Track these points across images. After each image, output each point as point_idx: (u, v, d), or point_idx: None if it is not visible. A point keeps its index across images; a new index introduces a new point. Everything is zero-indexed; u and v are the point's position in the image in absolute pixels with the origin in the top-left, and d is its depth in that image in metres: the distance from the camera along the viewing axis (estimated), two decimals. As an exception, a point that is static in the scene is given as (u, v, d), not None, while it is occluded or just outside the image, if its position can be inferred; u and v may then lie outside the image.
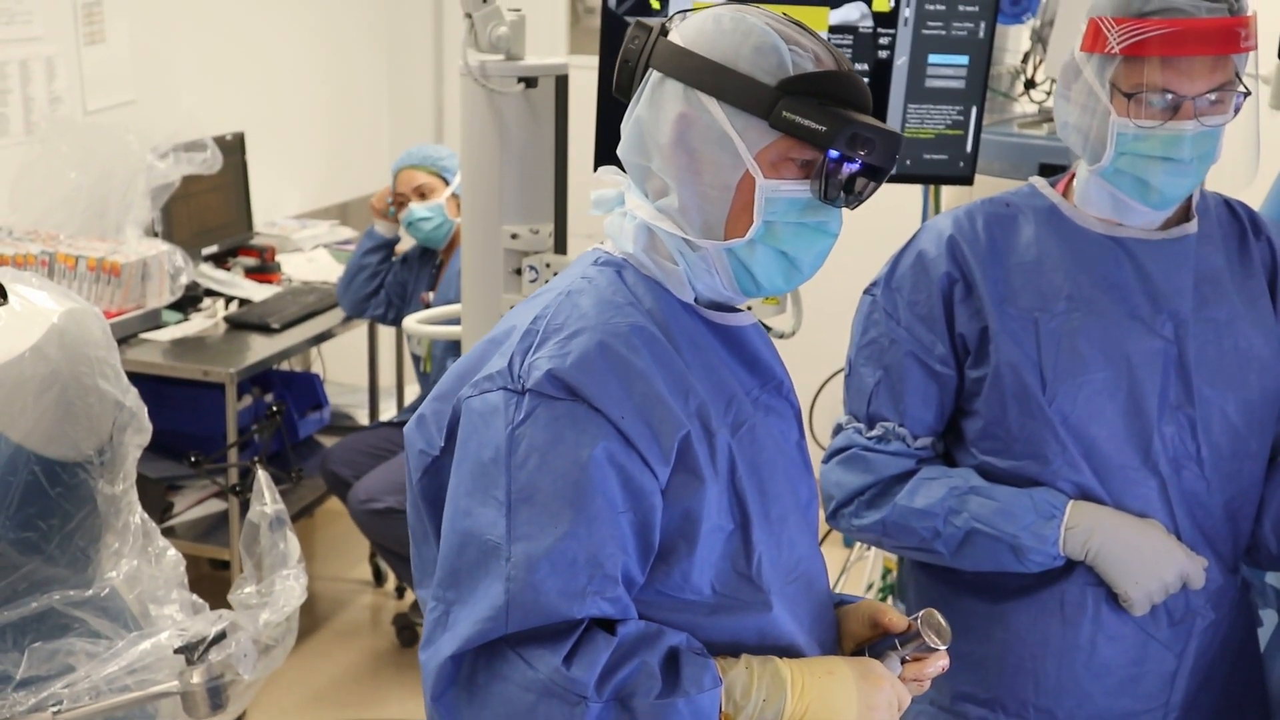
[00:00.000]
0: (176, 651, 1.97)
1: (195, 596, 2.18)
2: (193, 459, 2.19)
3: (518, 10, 2.56)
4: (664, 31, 1.43)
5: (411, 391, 5.00)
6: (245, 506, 2.23)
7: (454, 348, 3.89)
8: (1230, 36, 1.76)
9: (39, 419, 1.89)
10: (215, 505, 4.09)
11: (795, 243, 1.42)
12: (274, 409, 2.25)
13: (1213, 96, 1.78)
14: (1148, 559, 1.85)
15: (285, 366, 4.70)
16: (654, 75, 1.43)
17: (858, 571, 3.70)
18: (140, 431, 2.09)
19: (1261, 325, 1.93)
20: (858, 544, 3.62)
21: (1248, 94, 1.81)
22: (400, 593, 4.64)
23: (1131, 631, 1.91)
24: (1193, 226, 1.92)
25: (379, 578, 4.71)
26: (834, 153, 1.38)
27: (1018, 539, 1.85)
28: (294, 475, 3.26)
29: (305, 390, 4.61)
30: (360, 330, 4.81)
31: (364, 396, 5.08)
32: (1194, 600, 1.91)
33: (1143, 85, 1.79)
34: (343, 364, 5.23)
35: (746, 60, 1.39)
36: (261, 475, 2.23)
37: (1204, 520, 1.91)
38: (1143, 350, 1.87)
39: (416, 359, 4.34)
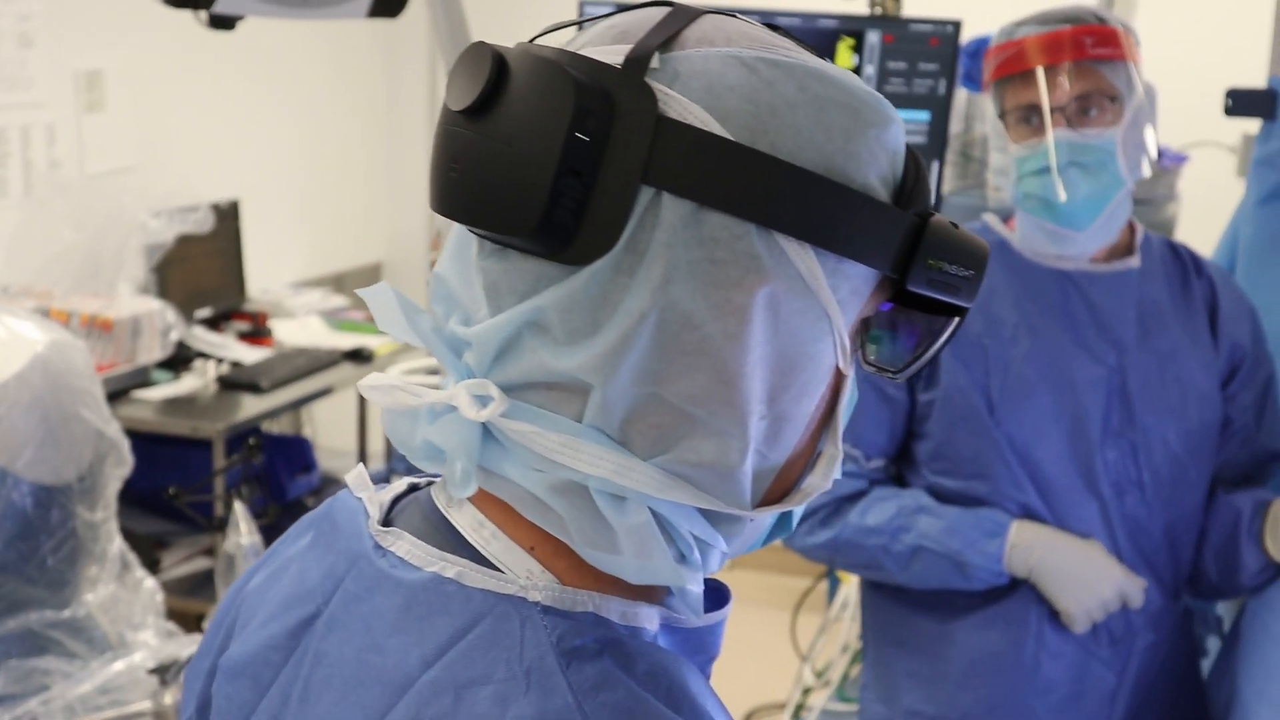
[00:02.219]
0: (150, 672, 2.03)
1: (171, 624, 2.23)
2: (171, 491, 2.25)
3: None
4: (651, 97, 0.73)
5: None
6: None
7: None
8: (1073, 44, 1.86)
9: (22, 443, 1.95)
10: (203, 563, 4.14)
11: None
12: (252, 442, 2.31)
13: (1092, 112, 1.87)
14: (1087, 577, 1.91)
15: (276, 430, 4.77)
16: (675, 206, 0.73)
17: (835, 633, 3.73)
18: (121, 464, 2.15)
19: (1202, 359, 2.00)
20: (836, 605, 3.67)
21: (1113, 99, 1.89)
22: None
23: (1074, 649, 1.96)
24: (1135, 261, 2.00)
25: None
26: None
27: (963, 556, 1.92)
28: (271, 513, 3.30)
29: (295, 453, 4.67)
30: (350, 394, 4.88)
31: (353, 460, 5.15)
32: (1134, 620, 1.97)
33: (1013, 105, 1.91)
34: (333, 429, 5.30)
35: (843, 157, 0.75)
36: (238, 507, 2.29)
37: (1144, 543, 1.97)
38: (1087, 377, 1.95)
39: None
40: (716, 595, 0.85)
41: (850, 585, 3.60)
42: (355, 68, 5.79)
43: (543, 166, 0.71)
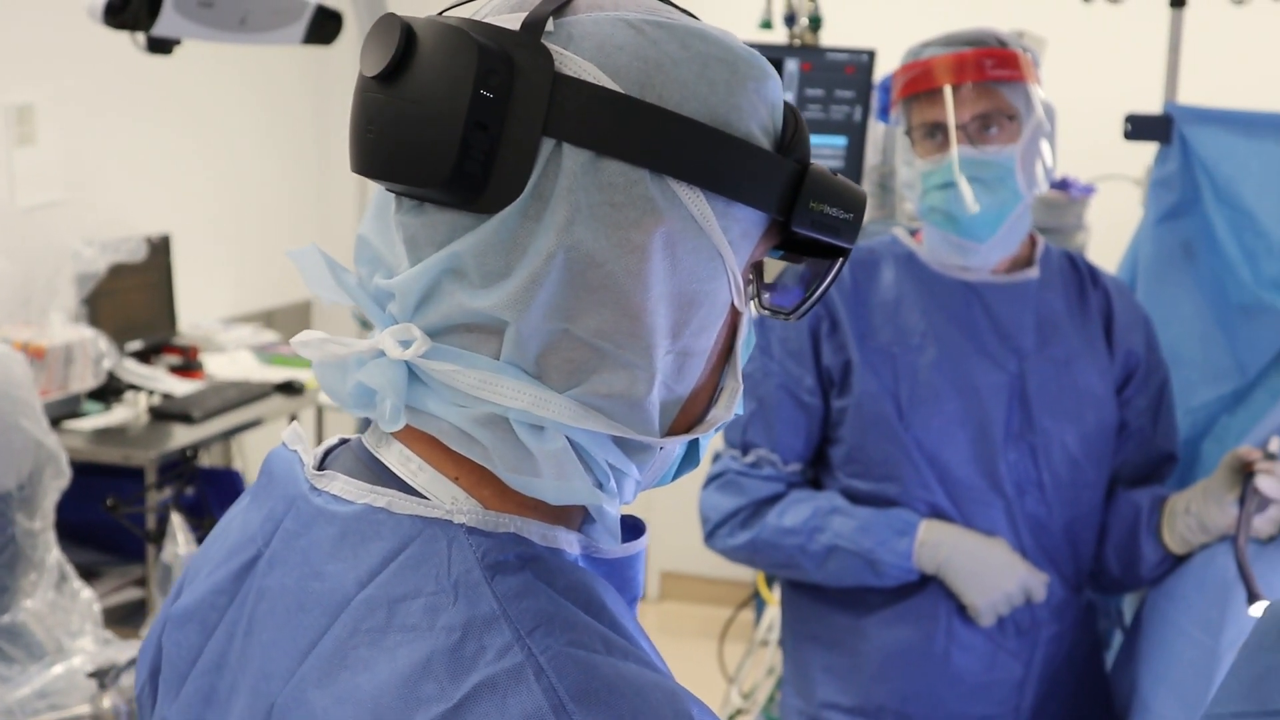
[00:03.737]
0: (89, 676, 2.07)
1: (108, 633, 2.27)
2: (109, 503, 2.29)
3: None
4: (548, 57, 0.79)
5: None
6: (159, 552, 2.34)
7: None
8: (975, 66, 1.97)
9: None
10: (134, 592, 4.16)
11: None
12: (188, 453, 2.36)
13: (992, 129, 1.98)
14: (991, 572, 2.00)
15: (207, 463, 4.79)
16: (575, 155, 0.80)
17: (760, 657, 3.81)
18: (59, 475, 2.20)
19: (1097, 365, 2.10)
20: (761, 629, 3.75)
21: (1012, 118, 1.99)
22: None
23: (982, 642, 2.05)
24: (1034, 272, 2.11)
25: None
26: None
27: (875, 554, 2.00)
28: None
29: (226, 485, 4.69)
30: (281, 426, 4.91)
31: (284, 495, 5.17)
32: (1039, 613, 2.06)
33: (919, 122, 2.01)
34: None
35: (727, 109, 0.83)
36: (175, 518, 2.34)
37: (1046, 540, 2.06)
38: (989, 383, 2.04)
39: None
40: (633, 531, 0.92)
41: (774, 610, 3.68)
42: (284, 106, 5.85)
43: (452, 123, 0.77)
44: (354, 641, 0.79)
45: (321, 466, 0.91)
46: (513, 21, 0.81)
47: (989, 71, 1.97)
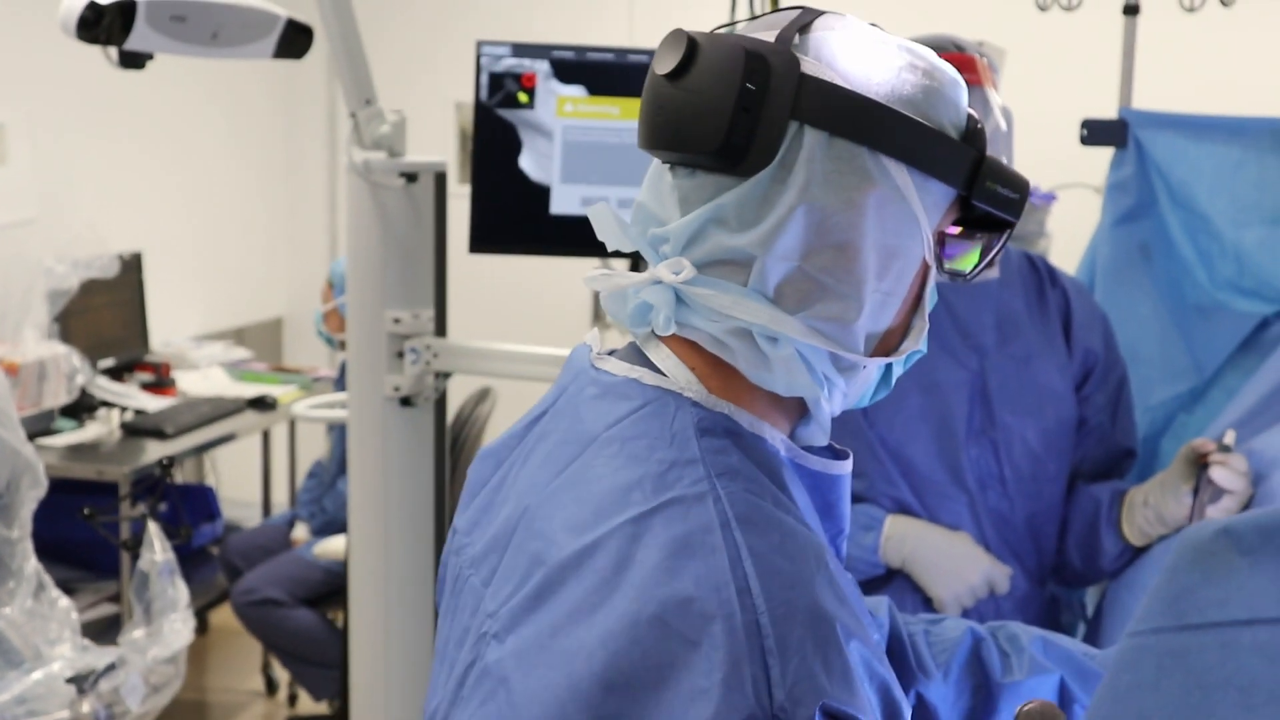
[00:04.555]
0: (68, 681, 2.10)
1: (86, 640, 2.29)
2: (86, 511, 2.32)
3: (398, 111, 2.76)
4: (795, 61, 1.05)
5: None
6: (135, 560, 2.37)
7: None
8: None
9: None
10: (108, 609, 4.17)
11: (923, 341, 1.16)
12: (163, 462, 2.38)
13: None
14: (955, 565, 2.05)
15: (180, 479, 4.81)
16: (813, 135, 1.05)
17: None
18: (36, 485, 2.23)
19: (1056, 363, 2.15)
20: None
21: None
22: (292, 701, 4.71)
23: (947, 633, 2.09)
24: (994, 272, 2.15)
25: (271, 687, 4.77)
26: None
27: (842, 549, 2.05)
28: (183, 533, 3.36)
29: (199, 501, 4.71)
30: (254, 441, 4.94)
31: (257, 511, 5.19)
32: (1002, 605, 2.11)
33: None
34: (236, 479, 5.34)
35: (926, 106, 1.08)
36: (152, 526, 2.37)
37: (1008, 534, 2.11)
38: (951, 380, 2.09)
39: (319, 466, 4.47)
40: (838, 457, 1.16)
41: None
42: (254, 125, 5.87)
43: (723, 107, 1.03)
44: (594, 462, 1.06)
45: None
46: (770, 36, 1.07)
47: None
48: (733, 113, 1.03)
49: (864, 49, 1.08)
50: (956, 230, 1.14)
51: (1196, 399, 2.55)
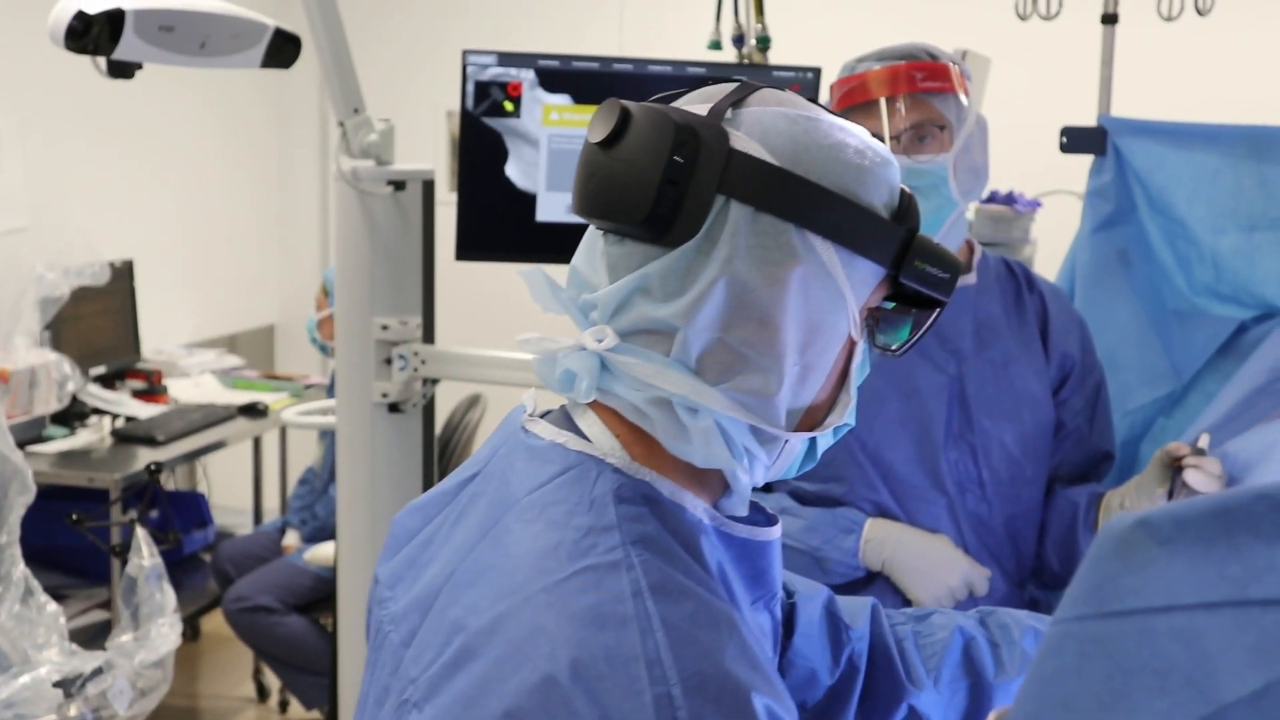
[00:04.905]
0: (55, 685, 2.12)
1: (73, 644, 2.31)
2: (75, 517, 2.34)
3: (386, 120, 2.78)
4: (724, 135, 1.07)
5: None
6: (125, 566, 2.39)
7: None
8: (906, 78, 2.05)
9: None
10: (98, 615, 4.19)
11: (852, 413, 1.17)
12: (151, 467, 2.40)
13: (925, 139, 2.05)
14: (935, 568, 2.07)
15: (171, 486, 4.83)
16: (739, 209, 1.06)
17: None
18: (25, 490, 2.25)
19: (1034, 367, 2.18)
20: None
21: (943, 128, 2.06)
22: (283, 708, 4.73)
23: (927, 635, 2.12)
24: (972, 278, 2.18)
25: (262, 694, 4.79)
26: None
27: (822, 552, 2.07)
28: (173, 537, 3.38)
29: (190, 508, 4.74)
30: (245, 448, 4.97)
31: (248, 518, 5.21)
32: (982, 607, 2.13)
33: None
34: (228, 486, 5.36)
35: (856, 184, 1.09)
36: (140, 532, 2.39)
37: (987, 537, 2.13)
38: (930, 384, 2.12)
39: (311, 473, 4.49)
40: (767, 522, 1.15)
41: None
42: (245, 132, 5.89)
43: (651, 179, 1.05)
44: (514, 526, 1.06)
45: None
46: (702, 109, 1.08)
47: (920, 84, 2.05)
48: (660, 184, 1.04)
49: (796, 126, 1.08)
50: (890, 306, 1.15)
51: (1175, 403, 2.58)
